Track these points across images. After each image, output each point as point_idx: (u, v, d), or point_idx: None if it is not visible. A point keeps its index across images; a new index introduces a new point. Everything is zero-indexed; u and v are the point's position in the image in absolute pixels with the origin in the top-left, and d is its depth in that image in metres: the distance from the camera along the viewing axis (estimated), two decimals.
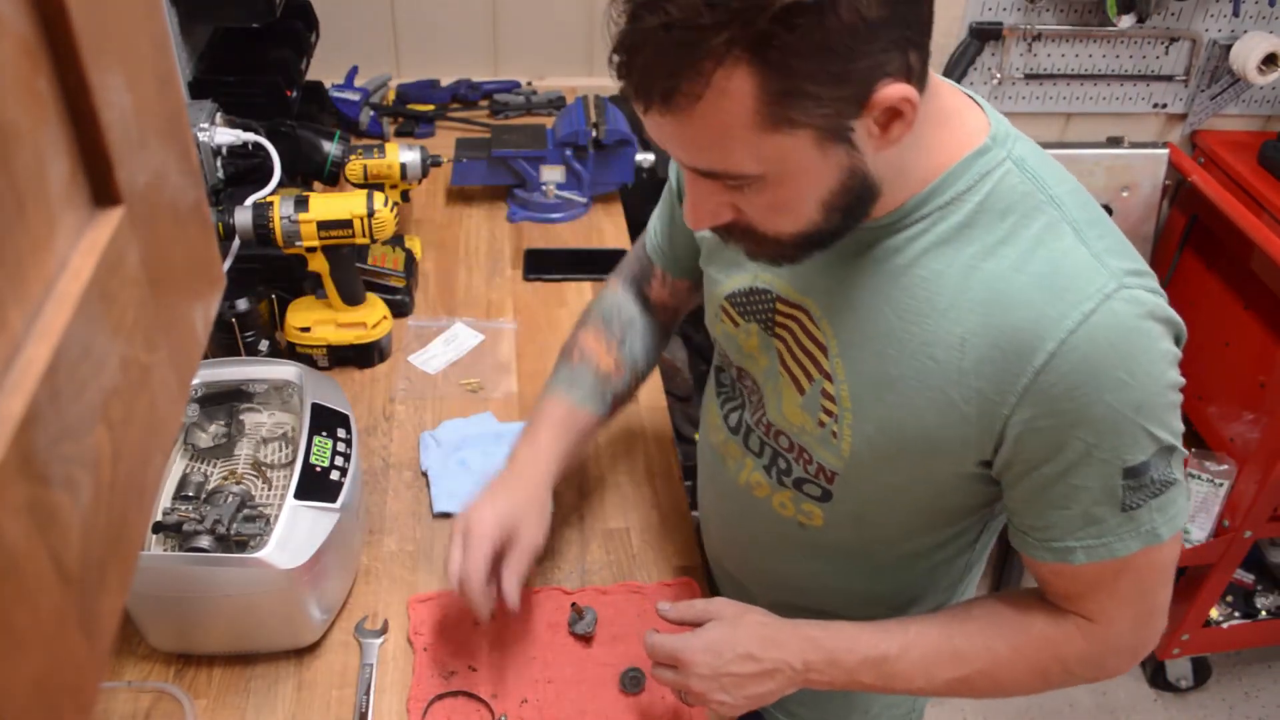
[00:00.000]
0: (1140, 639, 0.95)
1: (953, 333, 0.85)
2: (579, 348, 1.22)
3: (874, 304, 0.89)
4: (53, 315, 0.39)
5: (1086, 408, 0.81)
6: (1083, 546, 0.88)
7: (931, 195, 0.85)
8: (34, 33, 0.38)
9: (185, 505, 1.11)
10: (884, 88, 0.74)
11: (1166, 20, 2.28)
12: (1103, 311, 0.80)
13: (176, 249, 0.53)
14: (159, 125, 0.50)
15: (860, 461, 0.95)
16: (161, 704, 1.09)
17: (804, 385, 0.97)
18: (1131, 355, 0.81)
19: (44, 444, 0.37)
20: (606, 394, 1.20)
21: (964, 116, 0.87)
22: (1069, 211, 0.84)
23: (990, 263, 0.84)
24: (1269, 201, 2.25)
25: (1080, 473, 0.84)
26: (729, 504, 1.17)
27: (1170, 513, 0.87)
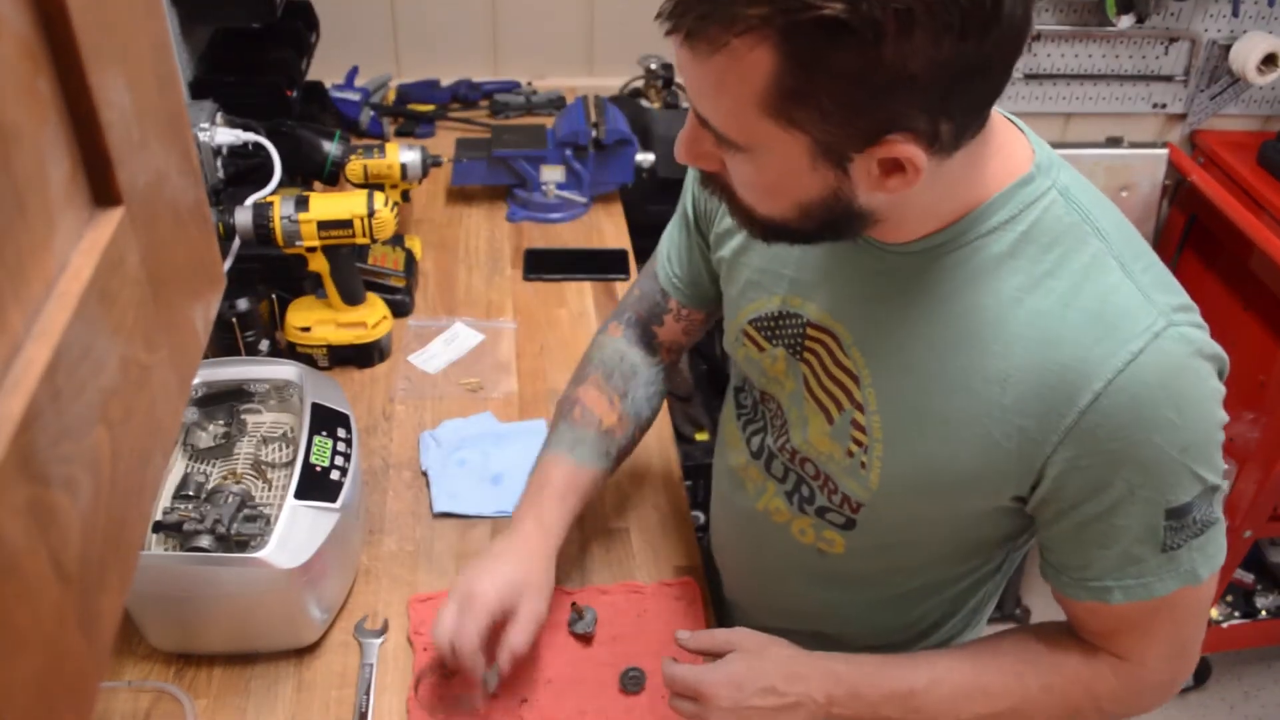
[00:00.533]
0: (1173, 676, 0.94)
1: (995, 368, 0.82)
2: (580, 405, 1.18)
3: (909, 335, 0.87)
4: (53, 315, 0.39)
5: (1133, 448, 0.79)
6: (1120, 586, 0.86)
7: (972, 224, 0.82)
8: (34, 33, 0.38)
9: (185, 505, 1.11)
10: (896, 140, 0.71)
11: (1166, 20, 2.29)
12: (1151, 350, 0.78)
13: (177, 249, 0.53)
14: (159, 125, 0.50)
15: (889, 493, 0.93)
16: (161, 704, 1.09)
17: (833, 414, 0.95)
18: (1181, 395, 0.78)
19: (44, 444, 0.37)
20: (610, 450, 1.17)
21: (1010, 144, 0.84)
22: (1115, 245, 0.81)
23: (1035, 297, 0.81)
24: (1268, 201, 2.25)
25: (1123, 513, 0.82)
26: (745, 529, 1.14)
27: (1209, 552, 0.85)
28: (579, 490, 1.14)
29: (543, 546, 1.09)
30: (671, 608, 1.21)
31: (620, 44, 2.25)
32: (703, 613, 1.21)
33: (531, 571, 1.07)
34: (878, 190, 0.76)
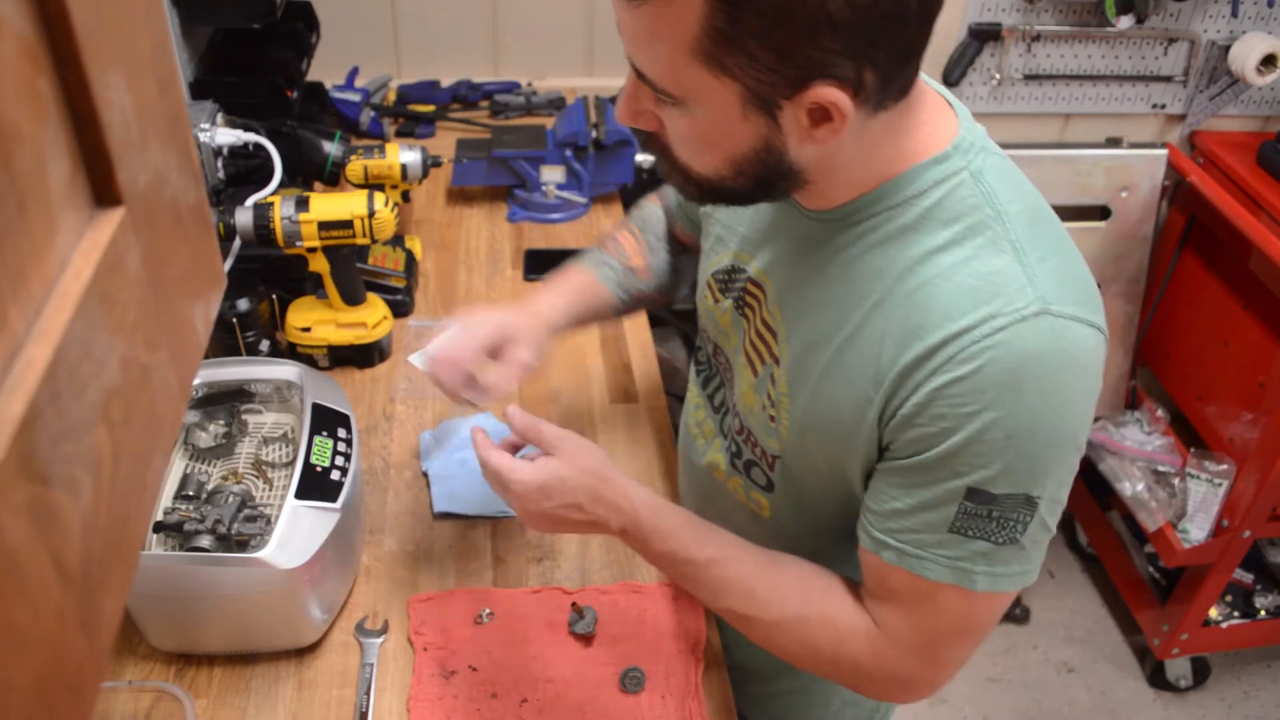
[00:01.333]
0: (915, 675, 0.92)
1: (876, 328, 0.85)
2: (614, 240, 1.28)
3: (820, 295, 0.90)
4: (53, 316, 0.39)
5: (964, 419, 0.79)
6: (898, 547, 0.86)
7: (884, 194, 0.85)
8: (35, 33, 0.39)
9: (186, 505, 1.11)
10: (823, 85, 0.74)
11: (1165, 21, 2.29)
12: (1012, 331, 0.78)
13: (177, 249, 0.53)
14: (160, 126, 0.50)
15: (792, 447, 0.97)
16: (162, 703, 1.09)
17: (758, 368, 0.99)
18: (1024, 383, 0.78)
19: (44, 444, 0.37)
20: (629, 286, 1.24)
21: (936, 122, 0.86)
22: (1015, 231, 0.82)
23: (925, 267, 0.83)
24: (1267, 202, 2.25)
25: (929, 474, 0.83)
26: (697, 486, 1.19)
27: (998, 568, 0.84)
28: (590, 296, 1.22)
29: (547, 316, 1.17)
30: (671, 607, 1.21)
31: (620, 45, 2.24)
32: (702, 611, 1.21)
33: (531, 327, 1.14)
34: (807, 141, 0.79)
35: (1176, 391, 2.52)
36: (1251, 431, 2.21)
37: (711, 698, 1.14)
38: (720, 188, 0.85)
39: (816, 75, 0.73)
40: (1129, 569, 2.59)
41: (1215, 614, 2.44)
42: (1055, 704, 2.48)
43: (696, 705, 1.12)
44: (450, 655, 1.15)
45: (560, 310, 1.18)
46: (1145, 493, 2.33)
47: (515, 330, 1.12)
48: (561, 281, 1.22)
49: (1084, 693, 2.51)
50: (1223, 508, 2.25)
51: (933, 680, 0.93)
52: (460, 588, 1.23)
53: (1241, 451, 2.24)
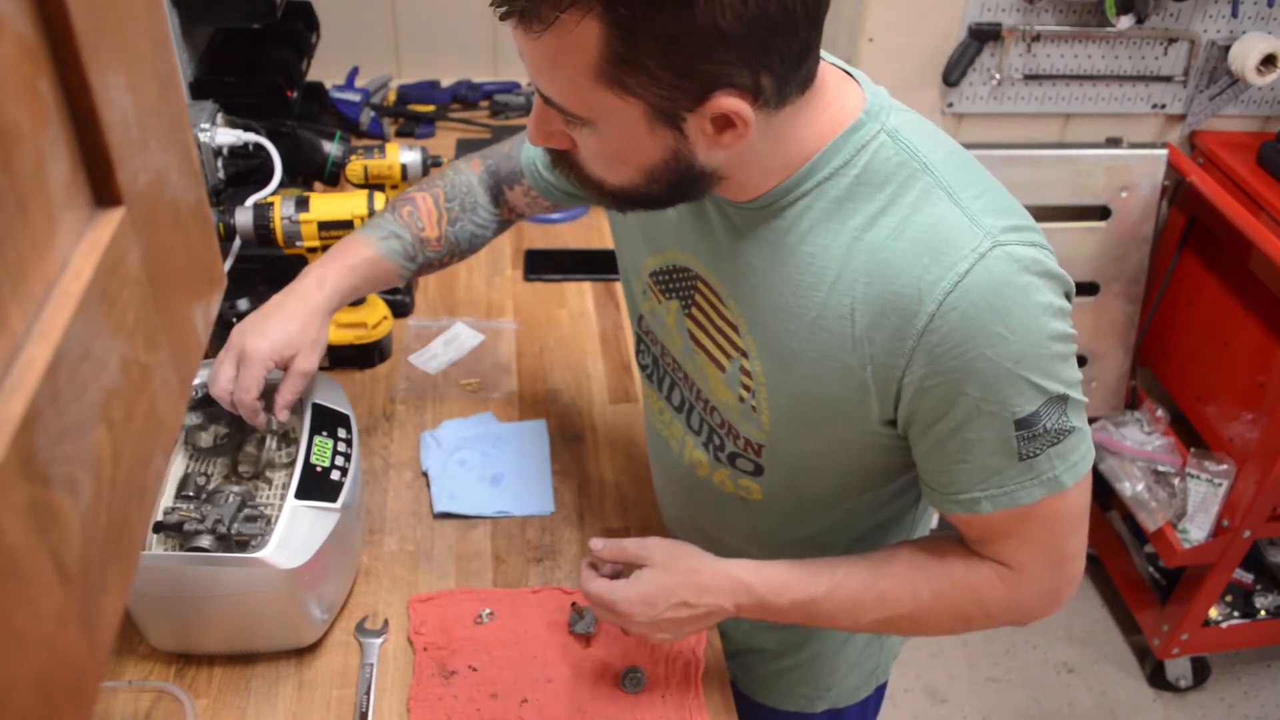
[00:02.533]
0: (1056, 583, 0.97)
1: (842, 303, 0.88)
2: (410, 204, 1.23)
3: (771, 282, 0.92)
4: (53, 315, 0.39)
5: (969, 364, 0.83)
6: (987, 496, 0.90)
7: (809, 174, 0.88)
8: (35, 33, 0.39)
9: (186, 505, 1.11)
10: (723, 96, 0.77)
11: (1165, 21, 2.28)
12: (977, 270, 0.82)
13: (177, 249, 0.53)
14: (160, 126, 0.50)
15: (779, 433, 0.99)
16: (162, 703, 1.09)
17: (723, 363, 1.00)
18: (1007, 310, 0.82)
19: (44, 444, 0.37)
20: (416, 259, 1.22)
21: (841, 93, 0.89)
22: (942, 177, 0.86)
23: (871, 233, 0.86)
24: (1268, 202, 2.25)
25: (973, 426, 0.87)
26: (677, 485, 1.20)
27: (1071, 459, 0.89)
28: (369, 273, 1.19)
29: (317, 305, 1.14)
30: None
31: None
32: None
33: (306, 329, 1.13)
34: (714, 148, 0.82)
35: (1176, 391, 2.52)
36: (1251, 431, 2.21)
37: (711, 697, 1.14)
38: (636, 195, 0.88)
39: (715, 87, 0.77)
40: (1129, 569, 2.59)
41: (1215, 614, 2.44)
42: (1055, 704, 2.48)
43: (696, 705, 1.12)
44: (450, 655, 1.15)
45: (335, 298, 1.16)
46: (1145, 493, 2.33)
47: (291, 345, 1.12)
48: (340, 259, 1.18)
49: (1084, 693, 2.51)
50: (1223, 508, 2.25)
51: (1072, 577, 0.98)
52: (460, 588, 1.23)
53: (1241, 451, 2.24)
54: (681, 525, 1.26)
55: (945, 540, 1.01)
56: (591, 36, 0.74)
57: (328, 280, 1.16)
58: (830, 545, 1.11)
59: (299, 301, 1.14)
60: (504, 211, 1.28)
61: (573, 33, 0.74)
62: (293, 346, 1.12)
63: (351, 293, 1.18)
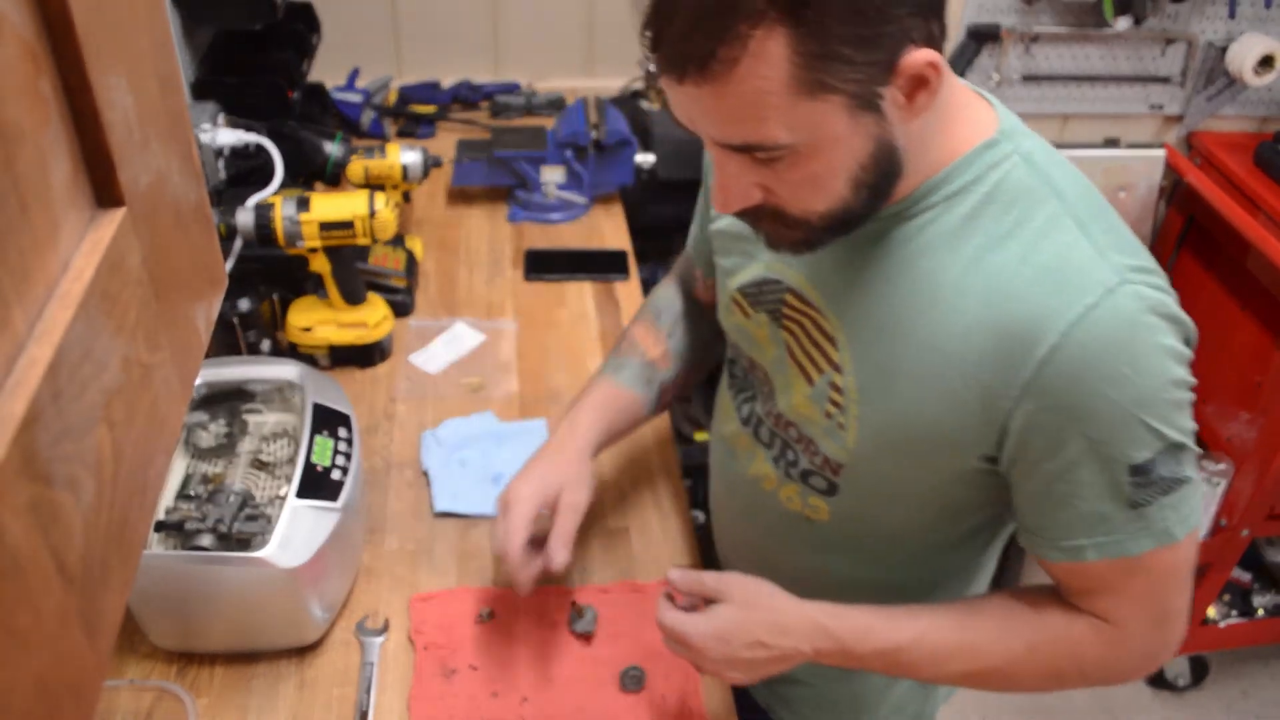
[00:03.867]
0: (1157, 643, 0.93)
1: (957, 324, 0.85)
2: (628, 339, 1.26)
3: (882, 294, 0.89)
4: (55, 315, 0.39)
5: (1087, 402, 0.80)
6: (1093, 544, 0.86)
7: (940, 184, 0.86)
8: (37, 35, 0.39)
9: (187, 504, 1.12)
10: (911, 53, 0.74)
11: (1163, 22, 2.28)
12: (1105, 305, 0.79)
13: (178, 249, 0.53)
14: (161, 126, 0.50)
15: (865, 454, 0.95)
16: (163, 702, 1.10)
17: (813, 377, 0.97)
18: (1133, 350, 0.80)
19: (46, 444, 0.37)
20: (653, 380, 1.21)
21: (975, 109, 0.88)
22: (1073, 206, 0.84)
23: (995, 255, 0.84)
24: (1265, 202, 2.25)
25: (1085, 469, 0.83)
26: (738, 498, 1.16)
27: (1183, 511, 0.85)
28: (615, 406, 1.19)
29: (575, 447, 1.14)
30: None
31: (620, 45, 2.25)
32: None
33: (565, 465, 1.12)
34: (909, 117, 0.79)
35: None
36: (1249, 431, 2.21)
37: (711, 697, 1.14)
38: (842, 216, 0.84)
39: (901, 48, 0.74)
40: None
41: (1213, 613, 2.44)
42: (1053, 702, 2.47)
43: (696, 704, 1.12)
44: (451, 654, 1.15)
45: (590, 435, 1.16)
46: None
47: (555, 484, 1.11)
48: (584, 402, 1.19)
49: (1082, 691, 2.51)
50: (1221, 507, 2.25)
51: (1175, 636, 0.93)
52: (461, 587, 1.23)
53: (1239, 451, 2.24)
54: (734, 541, 1.23)
55: (1040, 591, 0.97)
56: (779, 47, 0.71)
57: (578, 423, 1.16)
58: (886, 589, 1.06)
59: (555, 450, 1.14)
60: (707, 313, 1.25)
61: (762, 55, 0.71)
62: (555, 484, 1.10)
63: (606, 430, 1.17)
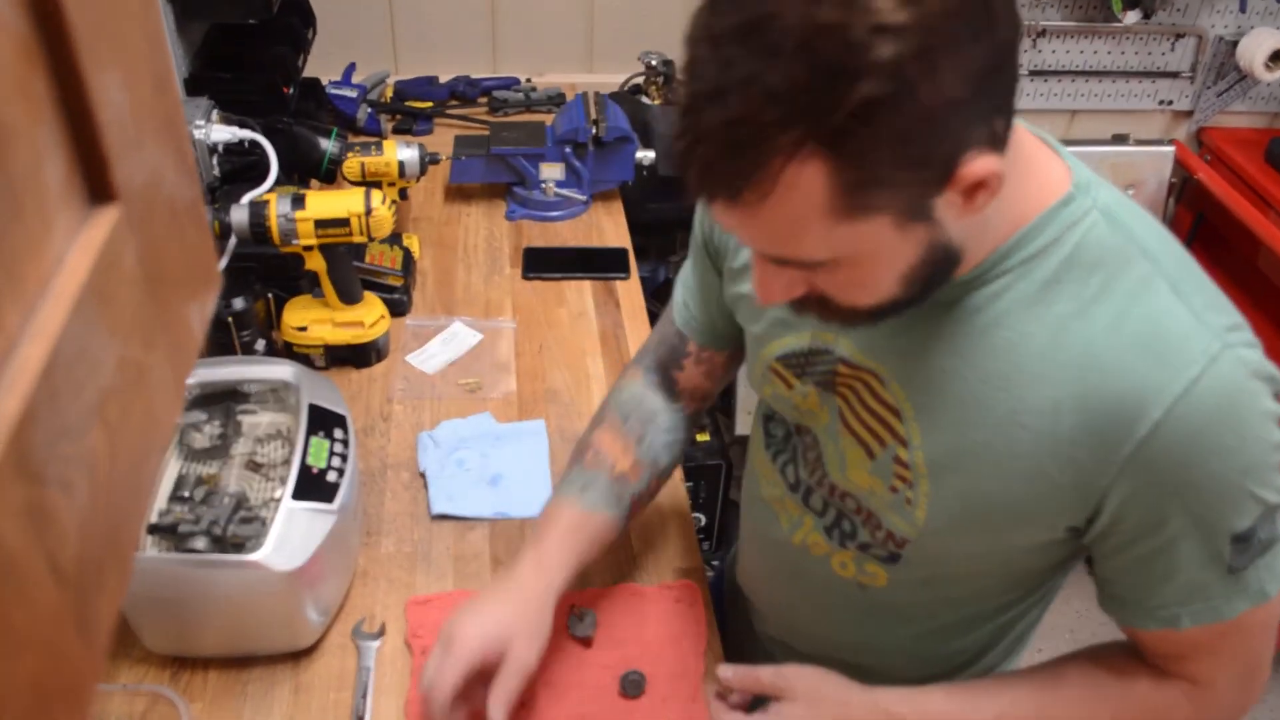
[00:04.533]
0: (1245, 698, 0.91)
1: (1045, 398, 0.79)
2: (593, 449, 1.13)
3: (953, 367, 0.84)
4: (49, 315, 0.39)
5: (1193, 476, 0.77)
6: (1188, 612, 0.84)
7: (1014, 249, 0.80)
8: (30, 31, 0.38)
9: (181, 506, 1.11)
10: (969, 163, 0.69)
11: (1172, 16, 2.28)
12: (1209, 376, 0.75)
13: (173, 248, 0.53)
14: (155, 123, 0.50)
15: (937, 530, 0.90)
16: (157, 707, 1.09)
17: (875, 450, 0.91)
18: (1239, 419, 0.76)
19: (40, 444, 0.37)
20: (624, 496, 1.11)
21: (1044, 163, 0.82)
22: (1164, 265, 0.78)
23: (1082, 322, 0.78)
24: (1275, 199, 2.25)
25: (1186, 543, 0.80)
26: (781, 562, 1.10)
27: (1277, 569, 0.83)
28: (585, 534, 1.08)
29: (538, 589, 1.03)
30: (672, 610, 1.21)
31: (620, 40, 2.25)
32: (703, 614, 1.20)
33: (523, 616, 1.01)
34: (967, 215, 0.73)
35: None
36: None
37: (713, 702, 1.13)
38: (892, 306, 0.79)
39: (959, 156, 0.69)
40: None
41: None
42: None
43: (698, 710, 1.11)
44: None
45: (559, 575, 1.04)
46: None
47: (504, 638, 0.99)
48: (549, 531, 1.07)
49: None
50: None
51: (1260, 688, 0.91)
52: (458, 589, 1.23)
53: None
54: (770, 600, 1.18)
55: (1122, 655, 0.94)
56: (818, 177, 0.66)
57: (545, 559, 1.04)
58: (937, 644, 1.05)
59: (516, 588, 1.02)
60: (685, 403, 1.18)
61: (797, 185, 0.66)
62: (507, 635, 0.98)
63: (576, 565, 1.06)
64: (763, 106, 0.64)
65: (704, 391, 1.18)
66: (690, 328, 1.13)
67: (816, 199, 0.67)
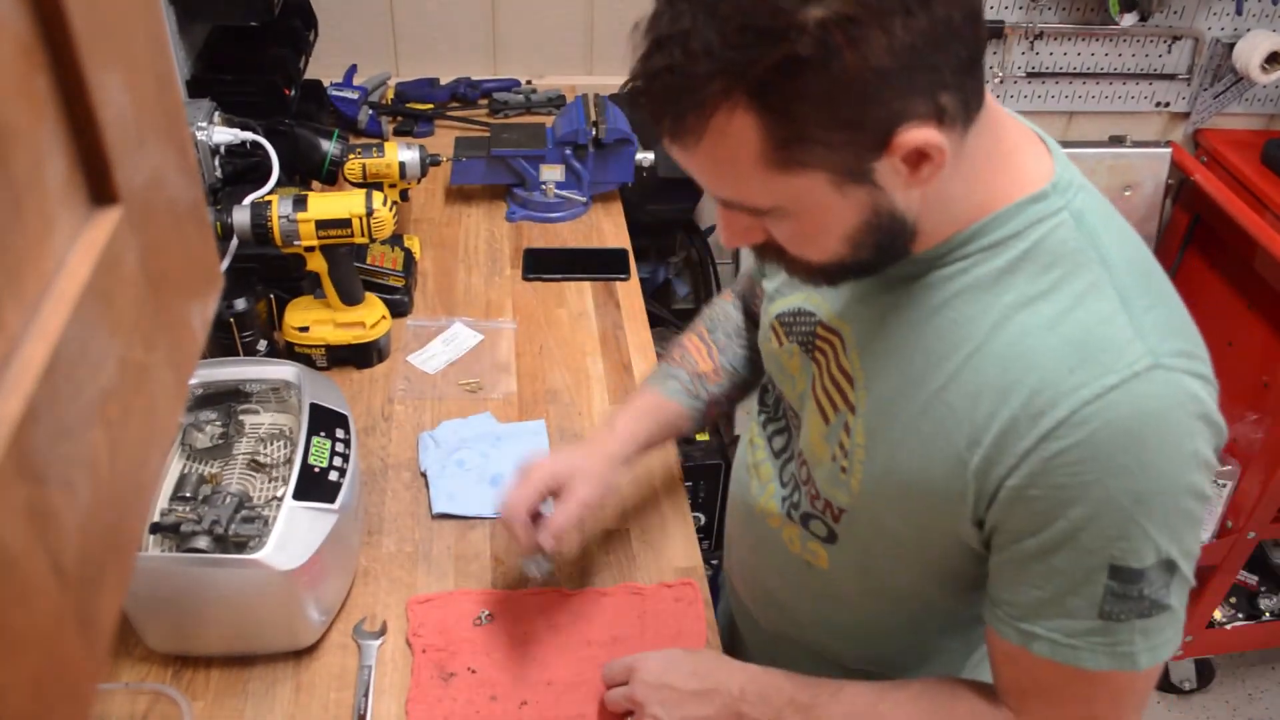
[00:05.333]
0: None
1: (972, 382, 0.80)
2: (680, 348, 1.24)
3: (904, 339, 0.85)
4: (51, 315, 0.39)
5: (1084, 488, 0.75)
6: (1048, 638, 0.81)
7: (977, 234, 0.81)
8: (32, 32, 0.38)
9: (183, 506, 1.11)
10: (906, 132, 0.70)
11: (1169, 18, 2.28)
12: (1125, 389, 0.73)
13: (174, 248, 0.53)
14: (157, 124, 0.50)
15: (866, 502, 0.92)
16: (159, 706, 1.09)
17: (830, 416, 0.94)
18: (1144, 442, 0.74)
19: (42, 444, 0.37)
20: (700, 393, 1.19)
21: (1026, 157, 0.83)
22: (1119, 276, 0.78)
23: (1024, 315, 0.79)
24: (1272, 200, 2.25)
25: (1063, 555, 0.78)
26: (750, 529, 1.14)
27: (1155, 640, 0.80)
28: (659, 416, 1.18)
29: (607, 448, 1.13)
30: (672, 609, 1.21)
31: (620, 42, 2.25)
32: (703, 613, 1.21)
33: (588, 460, 1.11)
34: (912, 186, 0.74)
35: None
36: (1256, 432, 2.21)
37: None
38: (845, 266, 0.82)
39: (895, 126, 0.70)
40: None
41: (1219, 616, 2.44)
42: None
43: None
44: (449, 657, 1.15)
45: (626, 439, 1.14)
46: None
47: (573, 469, 1.10)
48: (627, 408, 1.19)
49: None
50: (1227, 509, 2.25)
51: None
52: (459, 589, 1.23)
53: (1246, 453, 2.24)
54: (744, 575, 1.22)
55: (969, 681, 0.95)
56: (747, 128, 0.70)
57: (617, 425, 1.16)
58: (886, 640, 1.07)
59: (588, 444, 1.15)
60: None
61: (728, 131, 0.70)
62: (569, 474, 1.10)
63: (645, 440, 1.16)
64: (696, 57, 0.68)
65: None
66: (756, 273, 1.20)
67: (749, 148, 0.71)
